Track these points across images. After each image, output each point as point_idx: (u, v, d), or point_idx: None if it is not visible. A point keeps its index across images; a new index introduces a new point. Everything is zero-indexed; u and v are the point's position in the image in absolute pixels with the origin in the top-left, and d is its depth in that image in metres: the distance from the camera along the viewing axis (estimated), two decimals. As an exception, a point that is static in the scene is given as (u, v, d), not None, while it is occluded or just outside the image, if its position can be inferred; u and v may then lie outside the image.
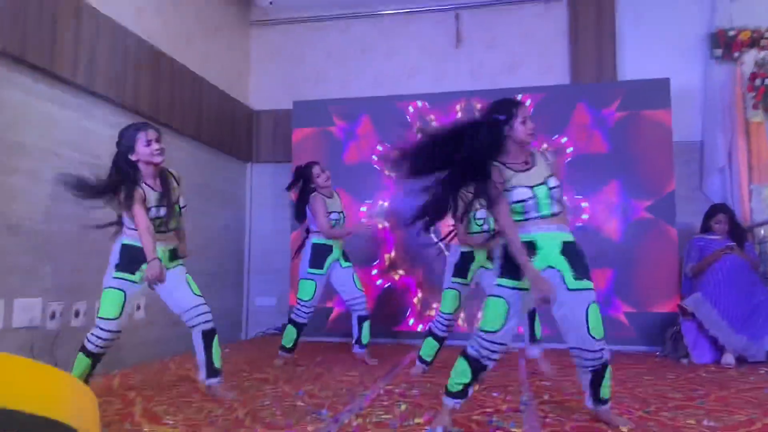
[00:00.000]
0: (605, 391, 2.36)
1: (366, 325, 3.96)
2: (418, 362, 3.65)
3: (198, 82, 5.11)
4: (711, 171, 5.23)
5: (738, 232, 4.47)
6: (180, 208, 2.93)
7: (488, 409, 2.64)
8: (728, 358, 4.01)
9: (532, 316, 3.58)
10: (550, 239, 2.31)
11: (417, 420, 2.43)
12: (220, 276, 5.51)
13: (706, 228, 4.55)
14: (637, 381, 3.38)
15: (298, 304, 3.94)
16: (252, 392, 3.03)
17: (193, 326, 2.92)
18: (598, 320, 2.28)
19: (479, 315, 4.16)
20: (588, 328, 2.25)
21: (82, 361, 2.77)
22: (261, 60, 6.31)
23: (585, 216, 5.00)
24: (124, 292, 2.75)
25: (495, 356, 2.34)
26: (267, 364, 3.96)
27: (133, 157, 2.78)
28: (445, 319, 3.58)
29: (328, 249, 3.94)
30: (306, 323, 3.96)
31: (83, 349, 2.77)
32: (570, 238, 2.36)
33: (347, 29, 6.14)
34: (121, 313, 2.75)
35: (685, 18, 5.45)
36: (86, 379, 2.80)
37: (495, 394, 2.97)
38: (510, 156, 2.38)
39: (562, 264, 2.29)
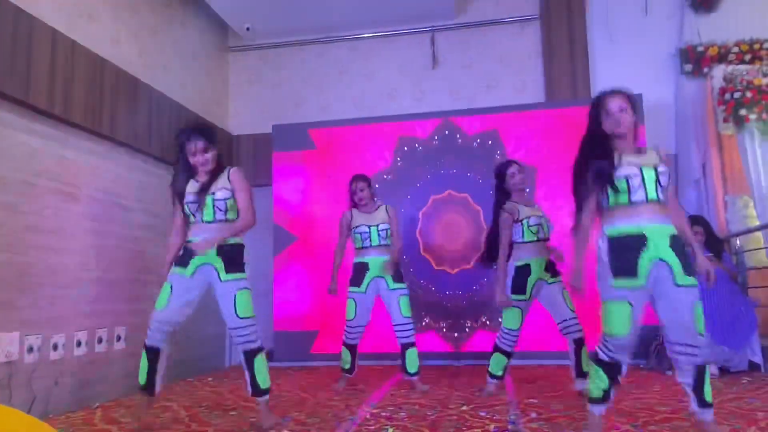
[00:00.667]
0: (708, 392, 2.33)
1: (410, 352, 3.80)
2: (489, 378, 3.57)
3: (176, 109, 5.09)
4: (686, 183, 5.32)
5: (715, 243, 4.54)
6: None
7: (476, 429, 2.62)
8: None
9: (579, 347, 3.41)
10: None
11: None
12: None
13: (684, 240, 4.62)
14: (623, 394, 3.38)
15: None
16: (237, 421, 2.98)
17: (236, 345, 2.93)
18: (701, 317, 2.31)
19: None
20: (695, 324, 2.28)
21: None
22: (239, 85, 6.33)
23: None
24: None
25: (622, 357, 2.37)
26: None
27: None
28: (511, 335, 3.49)
29: (365, 266, 3.86)
30: (354, 344, 3.92)
31: None
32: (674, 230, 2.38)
33: (325, 53, 6.19)
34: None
35: (656, 35, 5.59)
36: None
37: (482, 413, 2.96)
38: None
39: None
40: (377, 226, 3.86)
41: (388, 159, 5.46)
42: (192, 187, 2.89)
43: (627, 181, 2.33)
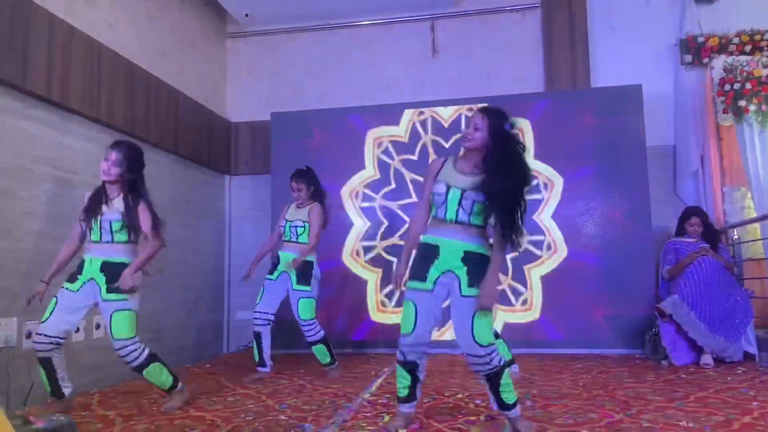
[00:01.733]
0: (507, 396, 2.37)
1: (315, 349, 3.95)
2: None
3: (174, 96, 5.08)
4: (684, 175, 5.32)
5: (712, 234, 4.56)
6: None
7: (471, 417, 2.64)
8: (707, 359, 4.07)
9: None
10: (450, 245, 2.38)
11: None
12: (200, 290, 5.46)
13: (680, 231, 4.64)
14: (617, 384, 3.41)
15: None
16: (234, 407, 3.00)
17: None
18: (484, 327, 2.32)
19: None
20: (473, 334, 2.31)
21: None
22: (238, 72, 6.30)
23: (563, 221, 5.07)
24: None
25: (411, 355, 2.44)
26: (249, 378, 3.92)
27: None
28: None
29: (277, 259, 4.00)
30: (257, 331, 4.00)
31: None
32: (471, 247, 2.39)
33: (324, 40, 6.16)
34: None
35: (656, 25, 5.57)
36: None
37: (477, 402, 2.98)
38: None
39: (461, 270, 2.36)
40: (292, 222, 3.97)
41: (385, 148, 5.44)
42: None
43: (434, 196, 2.45)
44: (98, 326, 3.91)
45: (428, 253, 2.42)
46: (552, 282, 4.98)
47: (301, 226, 3.94)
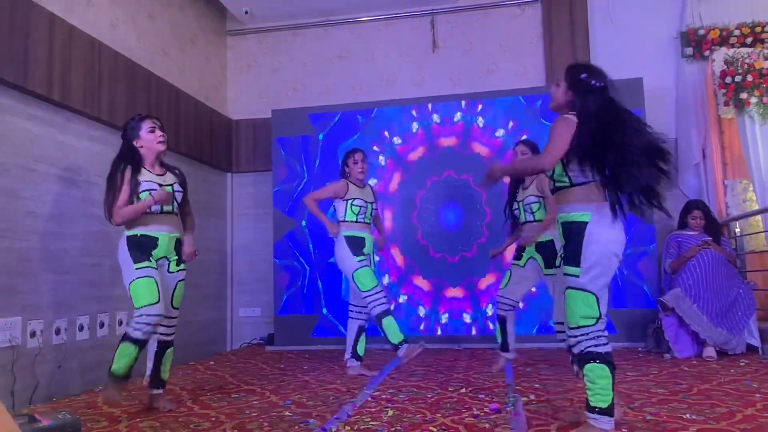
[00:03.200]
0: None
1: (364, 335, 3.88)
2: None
3: (175, 94, 5.08)
4: (686, 168, 5.31)
5: (714, 227, 4.56)
6: (175, 192, 3.01)
7: (476, 412, 2.65)
8: (709, 352, 4.08)
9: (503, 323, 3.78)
10: None
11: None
12: (203, 287, 5.47)
13: (683, 224, 4.64)
14: (621, 377, 3.41)
15: (366, 296, 3.71)
16: (239, 404, 3.01)
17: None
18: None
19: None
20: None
21: None
22: (238, 69, 6.30)
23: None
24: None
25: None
26: (253, 375, 3.94)
27: (136, 144, 2.93)
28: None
29: (362, 241, 3.81)
30: (389, 308, 3.75)
31: None
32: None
33: (324, 36, 6.16)
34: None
35: (657, 18, 5.56)
36: None
37: (482, 396, 2.99)
38: None
39: None
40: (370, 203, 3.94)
41: (387, 142, 5.44)
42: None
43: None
44: (102, 325, 3.92)
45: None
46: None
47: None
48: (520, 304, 3.94)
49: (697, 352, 4.16)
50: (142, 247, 2.83)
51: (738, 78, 5.03)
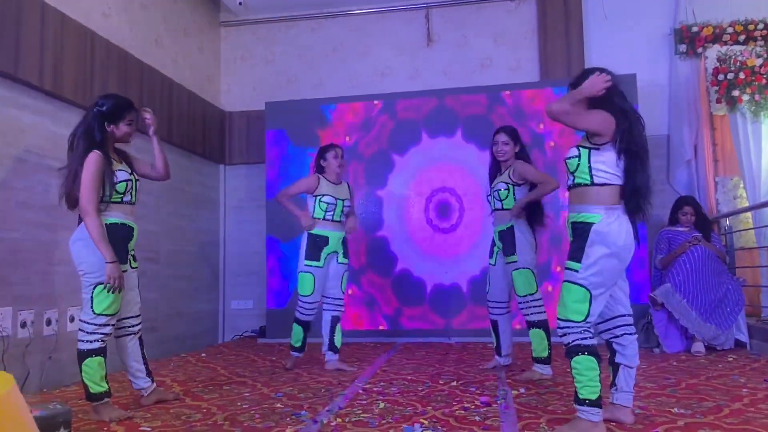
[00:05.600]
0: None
1: (339, 327, 3.84)
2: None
3: (168, 85, 5.05)
4: (678, 164, 5.34)
5: (704, 224, 4.59)
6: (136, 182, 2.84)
7: (466, 405, 2.67)
8: (698, 347, 4.12)
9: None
10: None
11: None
12: (195, 279, 5.46)
13: (673, 220, 4.67)
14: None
15: (300, 299, 3.78)
16: (230, 396, 3.01)
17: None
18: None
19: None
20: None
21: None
22: (231, 61, 6.27)
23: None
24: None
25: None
26: (245, 367, 3.95)
27: (108, 128, 2.75)
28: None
29: (324, 240, 3.75)
30: (310, 321, 3.80)
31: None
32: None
33: (318, 28, 6.13)
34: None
35: (650, 14, 5.57)
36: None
37: (473, 389, 3.01)
38: None
39: None
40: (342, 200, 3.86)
41: (378, 135, 5.44)
42: None
43: None
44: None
45: None
46: (545, 269, 5.01)
47: None
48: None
49: (686, 347, 4.20)
50: (123, 240, 2.71)
51: (730, 75, 5.06)
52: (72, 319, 3.71)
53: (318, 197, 3.76)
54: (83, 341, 2.59)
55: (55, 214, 3.64)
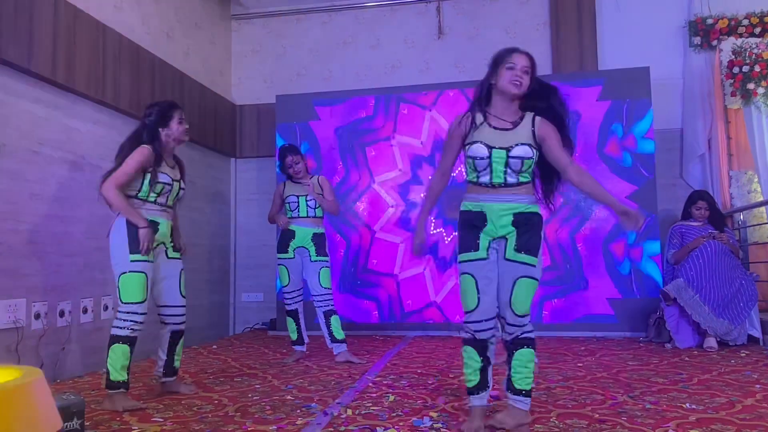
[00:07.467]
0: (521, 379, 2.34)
1: (335, 319, 3.90)
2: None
3: (179, 78, 5.06)
4: (691, 158, 5.29)
5: (718, 218, 4.55)
6: (180, 190, 2.97)
7: (476, 398, 2.66)
8: (710, 342, 4.08)
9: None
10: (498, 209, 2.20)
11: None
12: (206, 272, 5.49)
13: (686, 214, 4.63)
14: (621, 366, 3.43)
15: (283, 291, 4.08)
16: (241, 387, 3.03)
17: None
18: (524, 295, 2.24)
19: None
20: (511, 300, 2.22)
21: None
22: (243, 54, 6.28)
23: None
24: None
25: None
26: (255, 359, 3.97)
27: (161, 131, 2.88)
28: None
29: (290, 234, 3.98)
30: (295, 309, 4.02)
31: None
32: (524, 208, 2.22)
33: (329, 21, 6.12)
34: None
35: (664, 6, 5.50)
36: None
37: (482, 383, 3.00)
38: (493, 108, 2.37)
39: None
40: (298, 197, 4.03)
41: (390, 130, 5.43)
42: None
43: (474, 160, 2.23)
44: (106, 307, 3.94)
45: (475, 221, 2.22)
46: (557, 264, 4.99)
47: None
48: None
49: (698, 343, 4.17)
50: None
51: (745, 68, 5.00)
52: (85, 311, 3.75)
53: (285, 197, 4.04)
54: (115, 327, 2.70)
55: (69, 206, 3.68)
